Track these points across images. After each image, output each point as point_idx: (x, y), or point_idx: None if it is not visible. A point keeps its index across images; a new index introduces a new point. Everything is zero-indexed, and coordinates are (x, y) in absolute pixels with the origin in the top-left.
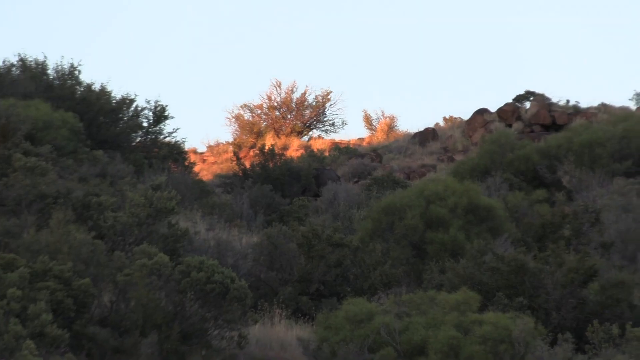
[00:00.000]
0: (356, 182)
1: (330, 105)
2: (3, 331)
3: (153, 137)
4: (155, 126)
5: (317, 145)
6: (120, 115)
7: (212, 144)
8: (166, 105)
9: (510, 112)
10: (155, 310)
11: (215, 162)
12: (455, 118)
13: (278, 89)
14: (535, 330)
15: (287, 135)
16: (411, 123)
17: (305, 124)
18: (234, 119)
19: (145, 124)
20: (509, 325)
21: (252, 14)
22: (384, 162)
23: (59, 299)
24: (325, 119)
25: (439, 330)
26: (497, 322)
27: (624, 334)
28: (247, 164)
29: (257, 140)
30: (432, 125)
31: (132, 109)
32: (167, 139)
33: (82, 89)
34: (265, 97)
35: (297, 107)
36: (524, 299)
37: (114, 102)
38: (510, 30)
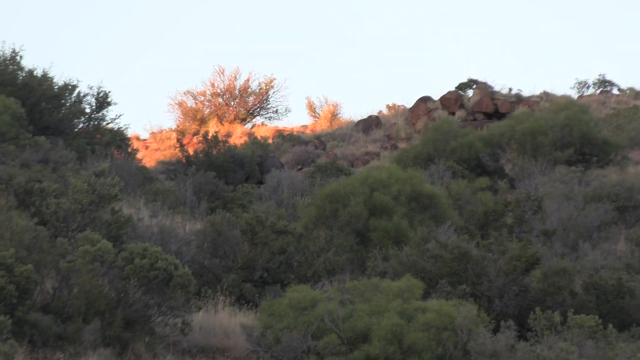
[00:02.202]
0: (300, 169)
1: (274, 92)
2: None
3: (96, 123)
4: (98, 112)
5: (260, 133)
6: (63, 101)
7: (155, 131)
8: (109, 92)
9: (453, 100)
10: (98, 296)
11: (158, 149)
12: (399, 106)
13: (221, 75)
14: (478, 317)
15: (231, 122)
16: (354, 111)
17: (248, 111)
18: (177, 106)
19: (88, 110)
20: (452, 313)
21: (196, 0)
22: (327, 150)
23: (1, 285)
24: (268, 106)
25: (383, 318)
26: (440, 309)
27: (565, 321)
28: (191, 151)
29: (200, 127)
30: (375, 113)
31: (74, 95)
32: (110, 125)
33: (24, 75)
34: (209, 83)
35: (241, 94)
36: (467, 286)
37: (57, 88)
38: (453, 18)
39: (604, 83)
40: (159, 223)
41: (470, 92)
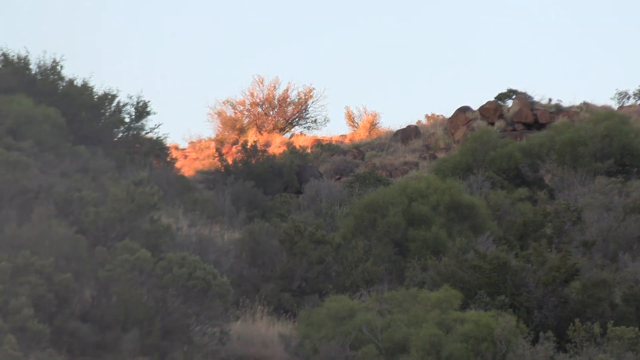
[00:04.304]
0: (338, 179)
1: (313, 102)
2: None
3: (135, 132)
4: (137, 122)
5: (299, 142)
6: (103, 110)
7: (194, 140)
8: (148, 101)
9: (492, 110)
10: (136, 305)
11: (197, 158)
12: (438, 116)
13: (260, 85)
14: (516, 328)
15: (270, 131)
16: (393, 120)
17: (287, 120)
18: (216, 115)
19: (127, 120)
20: (491, 324)
21: (235, 9)
22: (366, 159)
23: (41, 293)
24: (307, 116)
25: (421, 328)
26: (478, 320)
27: (605, 332)
28: (230, 160)
29: (239, 137)
30: (414, 123)
31: (114, 104)
32: (149, 135)
33: (64, 84)
34: (248, 93)
35: (280, 104)
36: (505, 297)
37: (96, 98)
38: (493, 28)
39: None
40: (197, 232)
41: (509, 103)
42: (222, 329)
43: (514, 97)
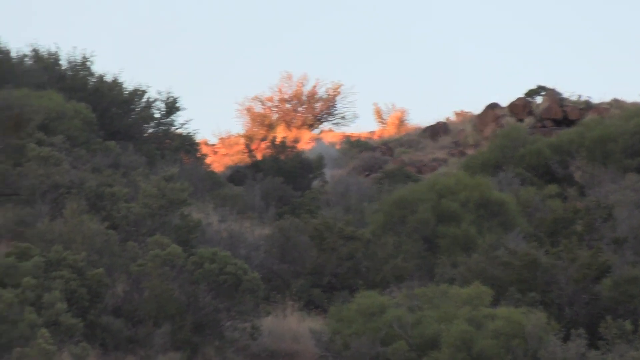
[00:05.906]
0: (367, 175)
1: (341, 98)
2: (18, 320)
3: (165, 128)
4: (167, 117)
5: (328, 138)
6: (133, 106)
7: (223, 136)
8: (178, 97)
9: (521, 107)
10: (168, 300)
11: (226, 154)
12: (467, 112)
13: (289, 81)
14: (548, 325)
15: (299, 128)
16: (422, 117)
17: (316, 117)
18: (245, 111)
19: (157, 116)
20: (522, 320)
21: (263, 6)
22: (395, 156)
23: (73, 288)
24: (336, 112)
25: (452, 324)
26: (509, 316)
27: (637, 330)
28: (259, 156)
29: (268, 133)
30: (443, 119)
31: (144, 100)
32: (179, 131)
33: (95, 80)
34: (276, 89)
35: (308, 100)
36: (536, 294)
37: (126, 93)
38: (522, 24)
39: None
40: (228, 228)
41: (538, 99)
42: (253, 324)
43: (543, 93)
